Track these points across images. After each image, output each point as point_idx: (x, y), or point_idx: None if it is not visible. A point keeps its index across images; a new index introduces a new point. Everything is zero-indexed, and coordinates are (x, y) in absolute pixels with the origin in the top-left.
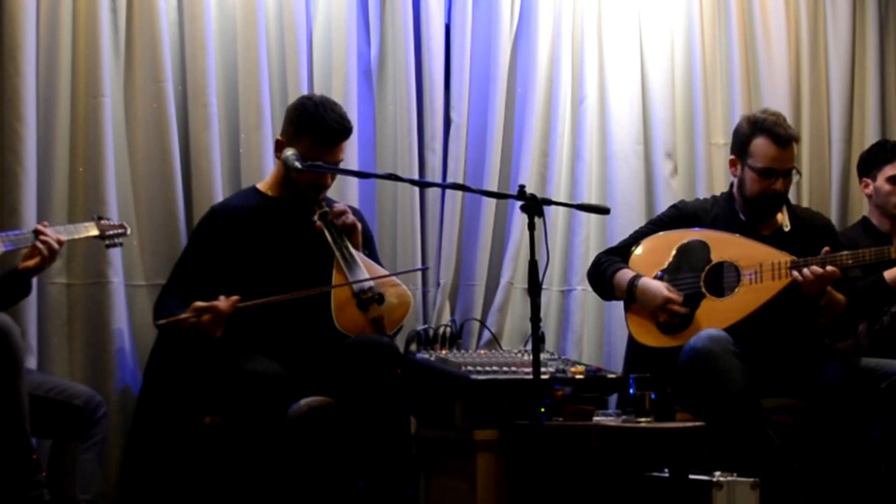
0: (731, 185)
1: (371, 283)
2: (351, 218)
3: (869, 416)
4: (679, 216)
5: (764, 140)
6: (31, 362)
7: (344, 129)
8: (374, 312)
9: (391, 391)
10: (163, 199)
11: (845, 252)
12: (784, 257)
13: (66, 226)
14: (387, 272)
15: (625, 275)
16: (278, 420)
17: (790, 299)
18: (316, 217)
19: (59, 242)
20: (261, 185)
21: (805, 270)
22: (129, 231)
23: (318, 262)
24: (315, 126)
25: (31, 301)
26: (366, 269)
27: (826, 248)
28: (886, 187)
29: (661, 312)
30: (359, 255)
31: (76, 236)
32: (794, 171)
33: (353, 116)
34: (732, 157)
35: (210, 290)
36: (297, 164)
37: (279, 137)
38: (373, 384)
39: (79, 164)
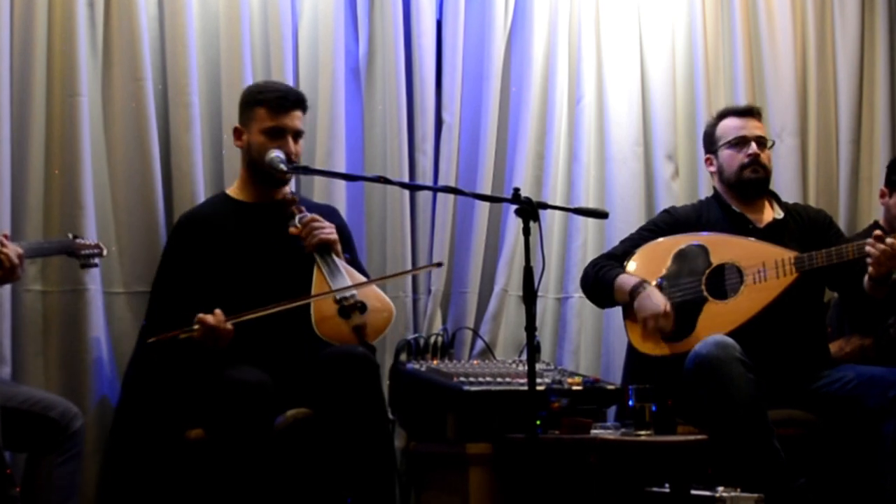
0: (714, 189)
1: (353, 290)
2: (333, 236)
3: (876, 426)
4: (673, 221)
5: (727, 119)
6: (5, 372)
7: (295, 94)
8: (357, 320)
9: (370, 402)
10: (142, 202)
11: (852, 244)
12: (787, 254)
13: (39, 242)
14: (365, 279)
15: (629, 279)
16: (264, 431)
17: (796, 299)
18: (296, 222)
19: (19, 256)
20: (230, 190)
21: (880, 246)
22: (105, 252)
23: (295, 268)
24: (264, 94)
25: (5, 309)
26: (348, 277)
27: (878, 232)
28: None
29: (650, 320)
30: (340, 262)
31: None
32: (766, 141)
33: (340, 116)
34: (706, 156)
35: (195, 303)
36: (283, 167)
37: (236, 125)
38: (350, 396)
39: (54, 166)
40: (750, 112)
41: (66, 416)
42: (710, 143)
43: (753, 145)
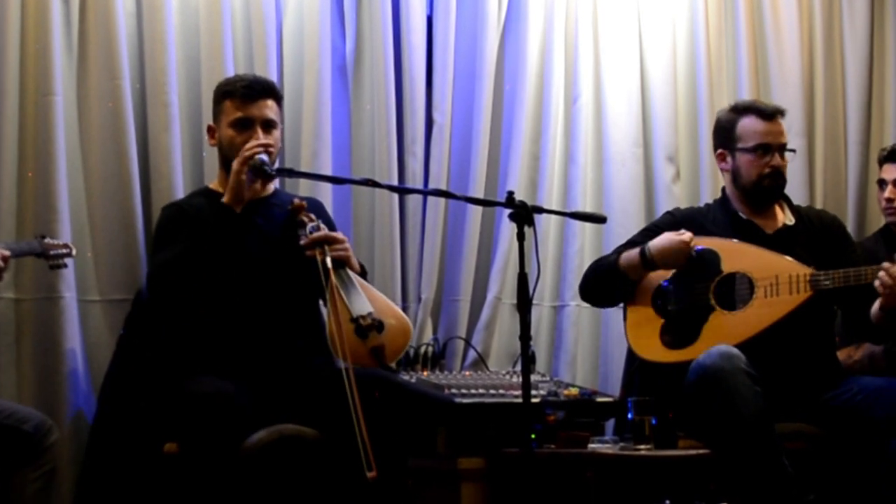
0: (723, 189)
1: (370, 308)
2: (346, 253)
3: (884, 439)
4: (675, 223)
5: (749, 118)
6: None
7: (263, 83)
8: (374, 341)
9: (396, 430)
10: (119, 205)
11: (871, 268)
12: (802, 269)
13: (7, 243)
14: (385, 299)
15: (631, 252)
16: (230, 448)
17: (806, 314)
18: (306, 231)
19: (5, 259)
20: (212, 185)
21: (883, 276)
22: (74, 251)
23: (282, 265)
24: (231, 86)
25: None
26: (364, 294)
27: None
28: (877, 191)
29: (681, 245)
30: (356, 278)
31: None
32: (787, 149)
33: (326, 116)
34: (720, 151)
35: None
36: (267, 170)
37: (209, 124)
38: (383, 426)
39: (27, 168)
40: (774, 115)
41: (41, 429)
42: (727, 138)
43: (777, 157)
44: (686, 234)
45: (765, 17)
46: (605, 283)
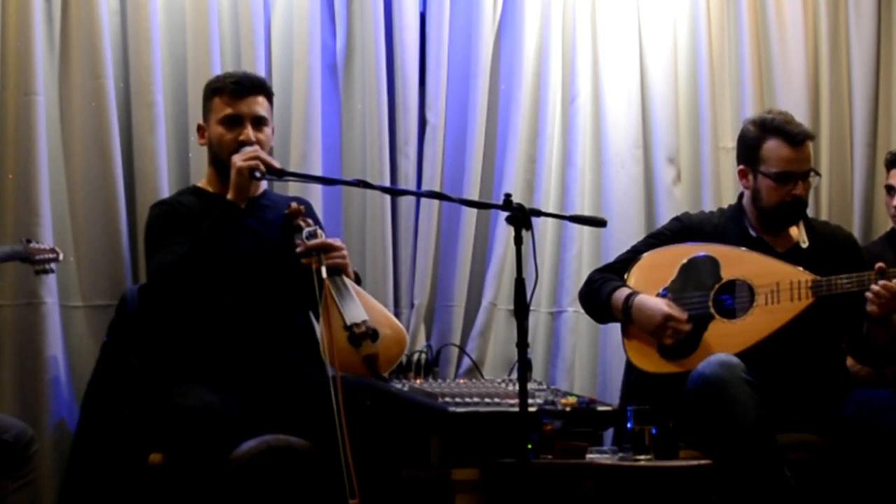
0: (741, 198)
1: (365, 316)
2: (344, 261)
3: (892, 448)
4: (682, 230)
5: (776, 142)
6: None
7: (253, 79)
8: (368, 350)
9: (388, 440)
10: (103, 208)
11: (874, 272)
12: (804, 276)
13: None
14: (381, 308)
15: (620, 294)
16: (218, 461)
17: (809, 322)
18: (303, 236)
19: None
20: (200, 183)
21: (876, 287)
22: (61, 256)
23: (272, 263)
24: (220, 83)
25: None
26: (360, 302)
27: (880, 265)
28: (885, 196)
29: (662, 333)
30: (353, 286)
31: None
32: (812, 173)
33: (316, 116)
34: (742, 167)
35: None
36: (257, 174)
37: (199, 122)
38: (373, 435)
39: (8, 170)
40: (803, 140)
41: (22, 439)
42: (750, 157)
43: (799, 187)
44: (685, 325)
45: (768, 14)
46: (599, 312)
